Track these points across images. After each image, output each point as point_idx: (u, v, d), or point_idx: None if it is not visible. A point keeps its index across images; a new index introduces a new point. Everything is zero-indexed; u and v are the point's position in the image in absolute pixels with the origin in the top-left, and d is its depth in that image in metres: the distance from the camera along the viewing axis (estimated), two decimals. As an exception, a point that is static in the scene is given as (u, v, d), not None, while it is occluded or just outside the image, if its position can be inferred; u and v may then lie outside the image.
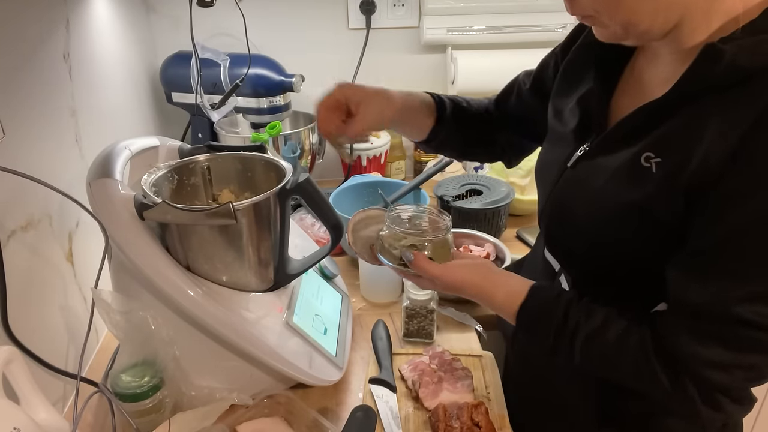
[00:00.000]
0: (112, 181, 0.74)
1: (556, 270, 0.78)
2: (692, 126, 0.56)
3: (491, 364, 0.92)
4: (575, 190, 0.70)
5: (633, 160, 0.61)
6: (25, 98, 0.80)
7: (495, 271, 0.75)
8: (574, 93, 0.74)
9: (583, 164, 0.69)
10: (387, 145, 1.51)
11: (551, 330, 0.67)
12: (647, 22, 0.57)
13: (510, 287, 0.72)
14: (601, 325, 0.64)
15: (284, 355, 0.78)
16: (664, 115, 0.59)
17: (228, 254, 0.76)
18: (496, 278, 0.74)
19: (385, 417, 0.81)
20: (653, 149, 0.59)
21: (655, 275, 0.62)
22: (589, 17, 0.61)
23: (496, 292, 0.72)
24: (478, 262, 0.76)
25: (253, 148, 0.86)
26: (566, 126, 0.74)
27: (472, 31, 1.46)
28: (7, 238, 0.74)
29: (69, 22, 0.95)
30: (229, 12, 1.32)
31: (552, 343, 0.67)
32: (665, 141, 0.59)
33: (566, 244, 0.75)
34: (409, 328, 0.98)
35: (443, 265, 0.74)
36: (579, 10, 0.60)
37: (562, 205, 0.73)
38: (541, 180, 0.80)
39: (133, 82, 1.28)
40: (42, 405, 0.68)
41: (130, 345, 0.77)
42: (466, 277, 0.74)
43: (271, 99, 1.32)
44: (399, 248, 0.76)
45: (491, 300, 0.73)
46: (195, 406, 0.79)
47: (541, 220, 0.79)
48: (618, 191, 0.62)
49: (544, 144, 0.82)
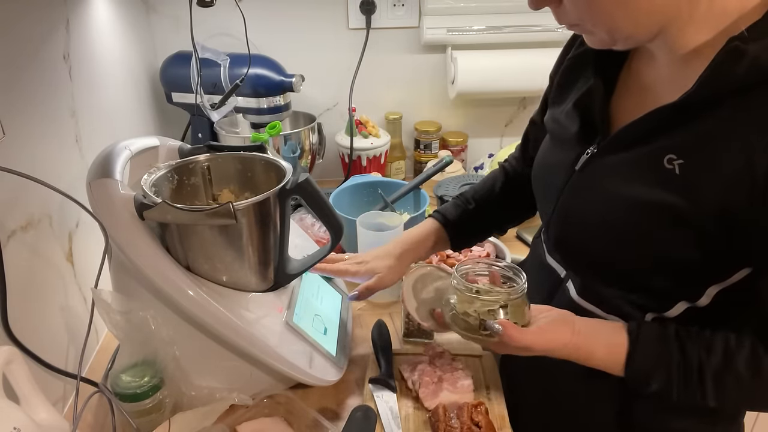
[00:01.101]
0: (112, 181, 0.74)
1: (562, 276, 0.77)
2: (714, 128, 0.56)
3: (491, 364, 0.92)
4: (587, 194, 0.69)
5: (652, 161, 0.60)
6: (26, 98, 0.80)
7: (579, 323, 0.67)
8: (568, 97, 0.74)
9: (592, 166, 0.68)
10: (387, 145, 1.51)
11: (674, 378, 0.61)
12: (629, 27, 0.58)
13: (606, 338, 0.66)
14: (724, 356, 0.60)
15: (284, 355, 0.78)
16: (682, 116, 0.59)
17: (228, 254, 0.76)
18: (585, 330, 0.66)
19: (385, 417, 0.81)
20: (675, 151, 0.59)
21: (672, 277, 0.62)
22: (576, 26, 0.62)
23: (594, 349, 0.66)
24: (558, 318, 0.68)
25: (253, 148, 0.86)
26: (567, 130, 0.73)
27: (472, 31, 1.47)
28: (7, 238, 0.74)
29: (69, 23, 0.95)
30: (229, 12, 1.32)
31: (677, 392, 0.62)
32: (686, 143, 0.58)
33: (577, 248, 0.72)
34: (409, 328, 0.98)
35: (532, 332, 0.66)
36: (565, 19, 0.62)
37: (573, 209, 0.71)
38: (544, 186, 0.79)
39: (133, 82, 1.28)
40: (42, 405, 0.68)
41: (130, 345, 0.77)
42: (558, 338, 0.66)
43: (271, 99, 1.32)
44: (475, 315, 0.68)
45: (590, 359, 0.66)
46: (195, 406, 0.79)
47: (548, 227, 0.77)
48: (636, 192, 0.62)
49: (542, 150, 0.81)
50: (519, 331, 0.65)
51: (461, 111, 1.62)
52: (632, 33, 0.59)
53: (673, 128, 0.60)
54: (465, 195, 0.97)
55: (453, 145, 1.58)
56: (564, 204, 0.72)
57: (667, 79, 0.63)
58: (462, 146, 1.60)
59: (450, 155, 1.37)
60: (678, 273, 0.62)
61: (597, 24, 0.59)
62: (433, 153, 1.58)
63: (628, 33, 0.59)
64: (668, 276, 0.63)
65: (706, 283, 0.63)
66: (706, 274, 0.62)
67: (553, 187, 0.74)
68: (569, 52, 0.78)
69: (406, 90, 1.57)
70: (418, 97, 1.58)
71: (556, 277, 0.78)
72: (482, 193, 0.96)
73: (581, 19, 0.60)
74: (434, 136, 1.57)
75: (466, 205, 0.95)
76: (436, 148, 1.58)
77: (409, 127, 1.61)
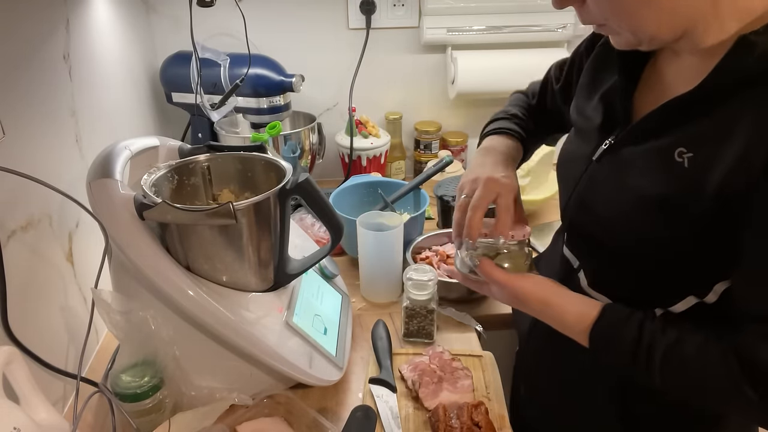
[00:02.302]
0: (112, 181, 0.74)
1: (575, 266, 0.78)
2: (723, 121, 0.57)
3: (491, 364, 0.92)
4: (601, 184, 0.70)
5: (664, 154, 0.61)
6: (26, 98, 0.80)
7: (563, 289, 0.73)
8: (596, 90, 0.75)
9: (608, 157, 0.70)
10: (387, 145, 1.51)
11: (627, 347, 0.64)
12: (653, 27, 0.58)
13: (580, 306, 0.70)
14: (677, 339, 0.61)
15: (284, 355, 0.78)
16: (694, 110, 0.60)
17: (228, 254, 0.76)
18: (564, 295, 0.72)
19: (385, 417, 0.81)
20: (685, 144, 0.59)
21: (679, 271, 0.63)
22: (601, 26, 0.63)
23: (566, 310, 0.70)
24: (547, 279, 0.74)
25: (253, 148, 0.86)
26: (590, 122, 0.74)
27: (472, 31, 1.46)
28: (7, 238, 0.74)
29: (69, 23, 0.95)
30: (229, 12, 1.32)
31: (629, 361, 0.64)
32: (696, 136, 0.59)
33: (589, 238, 0.74)
34: (409, 328, 0.98)
35: (507, 273, 0.73)
36: (589, 19, 0.62)
37: (587, 198, 0.72)
38: (564, 176, 0.80)
39: (133, 82, 1.28)
40: (42, 405, 0.68)
41: (130, 345, 0.77)
42: (533, 289, 0.72)
43: (271, 99, 1.32)
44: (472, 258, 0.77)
45: (561, 317, 0.71)
46: (195, 406, 0.79)
47: (564, 216, 0.80)
48: (648, 184, 0.63)
49: (567, 141, 0.82)
50: (494, 268, 0.74)
51: (461, 111, 1.61)
52: (656, 33, 0.59)
53: (685, 122, 0.60)
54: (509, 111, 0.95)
55: (453, 145, 1.58)
56: (579, 193, 0.74)
57: (687, 74, 0.63)
58: (462, 146, 1.59)
59: (450, 155, 1.37)
60: (684, 266, 0.63)
61: (621, 24, 0.60)
62: (433, 153, 1.58)
63: (651, 33, 0.59)
64: (675, 269, 0.64)
65: (713, 278, 0.63)
66: (712, 269, 0.63)
67: (571, 176, 0.76)
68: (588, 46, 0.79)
69: (406, 90, 1.57)
70: (418, 97, 1.58)
71: (570, 267, 0.79)
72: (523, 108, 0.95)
73: (606, 19, 0.60)
74: (434, 136, 1.57)
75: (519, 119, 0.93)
76: (436, 148, 1.58)
77: (409, 127, 1.61)
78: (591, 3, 0.59)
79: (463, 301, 1.07)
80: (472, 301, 1.08)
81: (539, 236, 1.28)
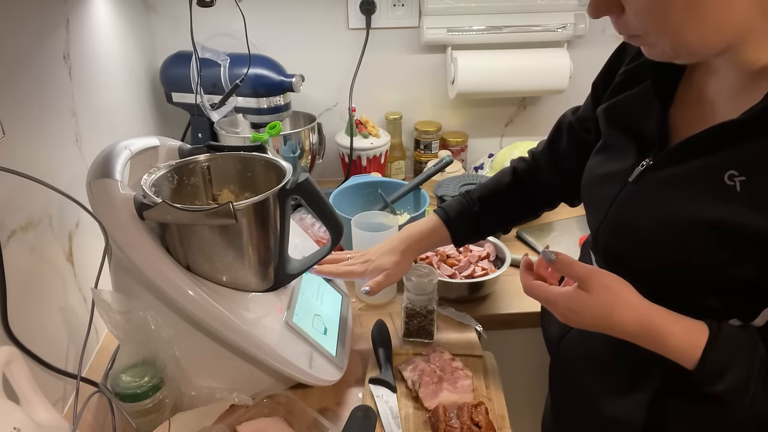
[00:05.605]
0: (112, 181, 0.74)
1: None
2: None
3: (491, 364, 0.92)
4: (640, 207, 0.66)
5: (713, 177, 0.58)
6: (25, 98, 0.80)
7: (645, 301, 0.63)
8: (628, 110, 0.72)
9: (648, 178, 0.66)
10: (387, 145, 1.51)
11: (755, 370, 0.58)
12: (697, 41, 0.55)
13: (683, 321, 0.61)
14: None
15: (284, 355, 0.78)
16: (746, 132, 0.57)
17: (228, 254, 0.76)
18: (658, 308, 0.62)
19: (385, 417, 0.81)
20: (737, 167, 0.57)
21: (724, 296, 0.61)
22: (636, 37, 0.59)
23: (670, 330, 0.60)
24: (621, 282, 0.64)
25: (253, 148, 0.86)
26: (623, 139, 0.71)
27: (472, 31, 1.46)
28: (7, 238, 0.74)
29: (69, 23, 0.95)
30: (229, 12, 1.32)
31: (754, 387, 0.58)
32: (750, 160, 0.57)
33: (627, 262, 0.69)
34: (409, 328, 0.98)
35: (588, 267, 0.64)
36: (625, 30, 0.59)
37: (625, 222, 0.69)
38: (594, 196, 0.76)
39: (133, 82, 1.28)
40: (42, 405, 0.68)
41: (130, 345, 0.77)
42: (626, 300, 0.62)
43: (271, 99, 1.32)
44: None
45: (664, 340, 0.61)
46: (195, 406, 0.79)
47: (597, 240, 0.75)
48: (694, 207, 0.60)
49: (594, 157, 0.78)
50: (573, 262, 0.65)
51: (461, 111, 1.62)
52: (699, 48, 0.56)
53: (735, 143, 0.58)
54: (471, 195, 0.95)
55: (453, 145, 1.58)
56: (614, 215, 0.70)
57: (731, 94, 0.61)
58: (462, 146, 1.60)
59: (450, 155, 1.37)
60: (731, 292, 0.61)
61: (662, 36, 0.56)
62: (433, 153, 1.58)
63: (694, 48, 0.56)
64: (720, 294, 0.61)
65: (762, 303, 0.60)
66: (761, 295, 0.60)
67: (603, 197, 0.72)
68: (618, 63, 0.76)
69: (406, 90, 1.57)
70: (418, 97, 1.58)
71: None
72: (488, 194, 0.95)
73: (645, 31, 0.57)
74: (434, 136, 1.57)
75: (471, 205, 0.94)
76: (436, 148, 1.58)
77: (409, 127, 1.61)
78: (631, 15, 0.56)
79: (463, 301, 1.08)
80: (472, 301, 1.08)
81: (539, 236, 1.28)
